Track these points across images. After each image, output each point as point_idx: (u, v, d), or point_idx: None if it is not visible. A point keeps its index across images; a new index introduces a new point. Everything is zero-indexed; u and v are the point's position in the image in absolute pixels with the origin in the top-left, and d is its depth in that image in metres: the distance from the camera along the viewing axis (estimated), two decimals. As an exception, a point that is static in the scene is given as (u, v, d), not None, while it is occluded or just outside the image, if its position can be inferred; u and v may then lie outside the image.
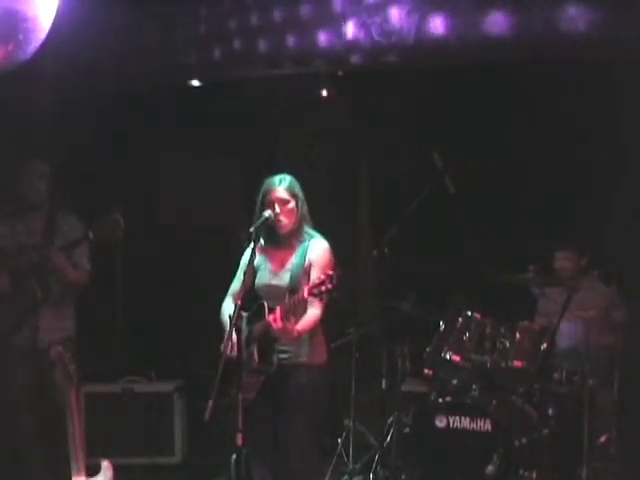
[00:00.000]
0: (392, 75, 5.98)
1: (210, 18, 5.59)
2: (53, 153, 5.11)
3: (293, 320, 4.09)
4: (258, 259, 4.29)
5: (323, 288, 3.89)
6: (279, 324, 4.00)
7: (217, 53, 5.61)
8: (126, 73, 5.93)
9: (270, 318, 4.03)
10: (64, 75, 5.68)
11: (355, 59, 5.32)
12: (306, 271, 4.22)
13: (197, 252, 6.78)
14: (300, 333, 4.10)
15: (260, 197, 4.29)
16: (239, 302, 3.97)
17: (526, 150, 6.11)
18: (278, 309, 4.03)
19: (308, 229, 4.32)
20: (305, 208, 4.31)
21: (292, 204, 4.25)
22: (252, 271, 4.21)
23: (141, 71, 5.92)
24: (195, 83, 6.23)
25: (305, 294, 3.96)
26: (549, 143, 6.06)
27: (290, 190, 4.26)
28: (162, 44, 5.79)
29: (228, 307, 4.35)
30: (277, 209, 4.22)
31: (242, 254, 4.36)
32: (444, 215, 6.21)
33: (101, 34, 5.65)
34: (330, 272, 3.92)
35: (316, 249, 4.25)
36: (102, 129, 6.41)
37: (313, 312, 4.16)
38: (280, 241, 4.31)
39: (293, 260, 4.25)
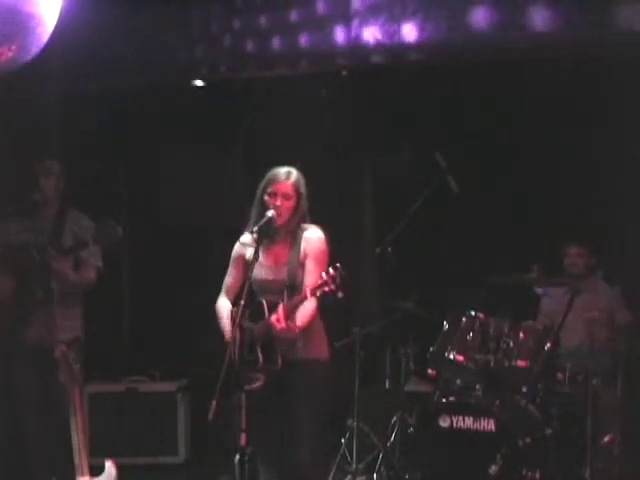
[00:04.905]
0: (395, 74, 5.97)
1: (220, 17, 5.57)
2: (56, 153, 5.11)
3: (294, 318, 4.03)
4: (250, 252, 4.19)
5: (326, 289, 3.84)
6: (282, 324, 3.95)
7: (225, 53, 5.59)
8: (128, 72, 5.92)
9: (273, 319, 3.97)
10: (68, 74, 5.68)
11: (367, 58, 5.30)
12: (301, 263, 4.17)
13: (200, 252, 6.78)
14: (301, 329, 4.05)
15: (263, 185, 4.21)
16: (242, 301, 3.90)
17: (531, 149, 6.11)
18: (280, 309, 3.97)
19: (303, 225, 4.25)
20: (306, 206, 4.24)
21: (293, 201, 4.19)
22: (248, 267, 4.10)
23: (143, 70, 5.92)
24: (198, 83, 6.22)
25: (308, 294, 3.91)
26: (555, 142, 6.06)
27: (296, 186, 4.19)
28: (165, 44, 5.78)
29: (225, 304, 4.33)
30: (278, 202, 4.15)
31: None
32: (447, 214, 6.21)
33: (104, 33, 5.65)
34: (332, 272, 3.83)
35: (310, 239, 4.20)
36: (103, 129, 6.41)
37: (310, 304, 4.06)
38: (274, 234, 4.21)
39: (289, 254, 4.18)
